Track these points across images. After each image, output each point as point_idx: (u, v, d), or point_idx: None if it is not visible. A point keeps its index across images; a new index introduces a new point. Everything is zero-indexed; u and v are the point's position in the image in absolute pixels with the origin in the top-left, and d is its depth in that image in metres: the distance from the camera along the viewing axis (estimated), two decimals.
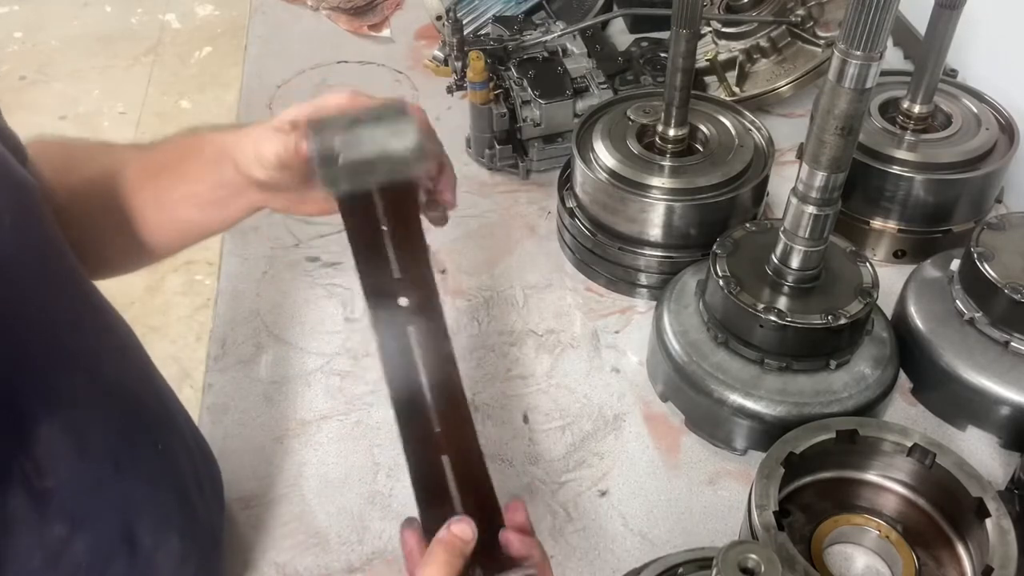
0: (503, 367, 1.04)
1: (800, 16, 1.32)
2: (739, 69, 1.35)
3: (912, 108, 1.12)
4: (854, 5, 0.70)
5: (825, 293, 0.90)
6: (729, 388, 0.90)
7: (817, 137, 0.79)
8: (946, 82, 1.19)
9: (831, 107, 0.76)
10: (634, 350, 1.06)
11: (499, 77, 1.26)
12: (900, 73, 1.23)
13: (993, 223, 0.96)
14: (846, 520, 0.85)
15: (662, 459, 0.94)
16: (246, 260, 1.19)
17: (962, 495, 0.78)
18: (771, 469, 0.79)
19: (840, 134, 0.78)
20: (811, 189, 0.83)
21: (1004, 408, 0.91)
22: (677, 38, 1.00)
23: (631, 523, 0.88)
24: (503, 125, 1.25)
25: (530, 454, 0.95)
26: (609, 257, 1.11)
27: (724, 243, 0.96)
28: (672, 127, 1.09)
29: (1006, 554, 0.73)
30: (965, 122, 1.14)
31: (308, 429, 0.98)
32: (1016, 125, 1.13)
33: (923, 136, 1.12)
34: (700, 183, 1.06)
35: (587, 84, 1.27)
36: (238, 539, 0.88)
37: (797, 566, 0.72)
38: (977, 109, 1.15)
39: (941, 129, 1.13)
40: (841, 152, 0.79)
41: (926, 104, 1.12)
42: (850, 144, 0.79)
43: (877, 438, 0.83)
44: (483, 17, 1.50)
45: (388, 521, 0.89)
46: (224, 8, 3.82)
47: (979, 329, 0.93)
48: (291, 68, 1.58)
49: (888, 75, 1.22)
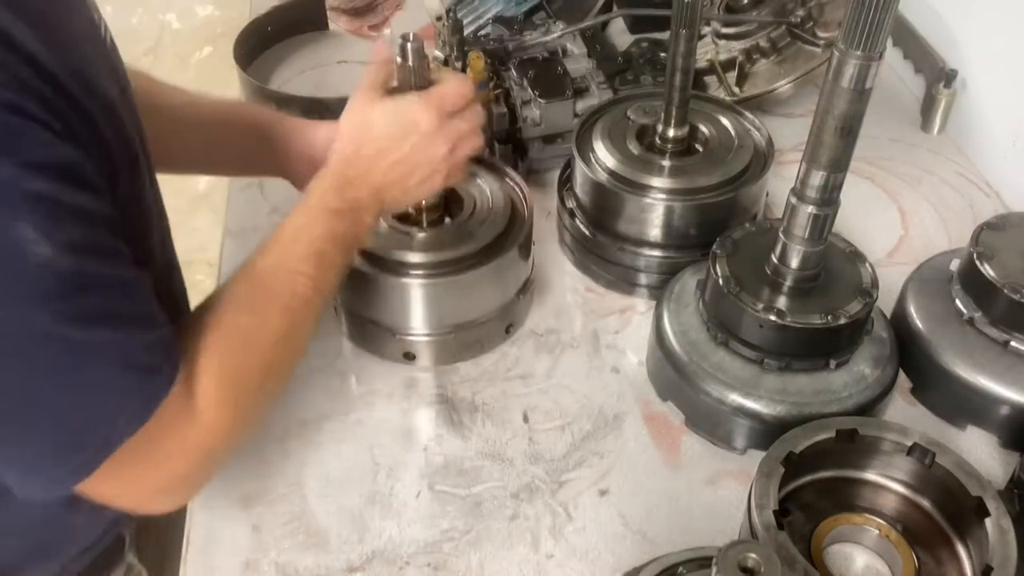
0: (503, 367, 1.04)
1: (800, 16, 1.32)
2: (739, 69, 1.35)
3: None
4: (854, 5, 0.70)
5: (825, 293, 0.90)
6: (729, 388, 0.91)
7: (816, 137, 0.79)
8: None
9: (830, 107, 0.77)
10: (634, 350, 1.06)
11: (499, 77, 1.26)
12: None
13: (993, 223, 0.96)
14: (846, 519, 0.85)
15: (662, 459, 0.95)
16: None
17: (962, 495, 0.78)
18: (771, 468, 0.79)
19: (839, 134, 0.78)
20: (810, 189, 0.83)
21: (1003, 408, 0.91)
22: (677, 38, 1.01)
23: (631, 523, 0.89)
24: (503, 125, 1.25)
25: (530, 454, 0.95)
26: (609, 257, 1.11)
27: (724, 243, 0.96)
28: (672, 127, 1.09)
29: (1006, 554, 0.73)
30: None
31: (308, 429, 0.98)
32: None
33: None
34: (700, 183, 1.07)
35: (587, 84, 1.27)
36: (238, 539, 0.88)
37: (797, 565, 0.73)
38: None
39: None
40: (840, 152, 0.79)
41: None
42: (849, 144, 0.79)
43: (877, 437, 0.83)
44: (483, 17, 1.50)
45: (388, 521, 0.89)
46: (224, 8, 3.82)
47: (979, 329, 0.93)
48: (291, 68, 1.58)
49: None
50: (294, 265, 0.80)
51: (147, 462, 0.70)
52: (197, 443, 0.72)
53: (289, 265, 0.81)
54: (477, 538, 0.87)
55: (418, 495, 0.91)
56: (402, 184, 0.88)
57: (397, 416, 0.99)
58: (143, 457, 0.69)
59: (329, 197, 0.85)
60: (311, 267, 0.81)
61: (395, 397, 1.01)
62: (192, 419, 0.71)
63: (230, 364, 0.74)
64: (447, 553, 0.86)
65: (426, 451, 0.95)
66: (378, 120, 0.88)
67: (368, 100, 0.89)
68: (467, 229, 1.01)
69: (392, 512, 0.90)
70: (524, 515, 0.89)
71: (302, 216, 0.84)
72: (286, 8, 1.64)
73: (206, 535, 0.88)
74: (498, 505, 0.90)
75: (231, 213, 1.28)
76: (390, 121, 0.88)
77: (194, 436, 0.72)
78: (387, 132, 0.87)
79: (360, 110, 0.89)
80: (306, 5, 1.66)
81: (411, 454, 0.95)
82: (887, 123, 1.39)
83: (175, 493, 0.77)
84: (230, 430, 0.74)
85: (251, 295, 0.79)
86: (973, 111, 1.34)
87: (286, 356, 0.81)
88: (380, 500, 0.91)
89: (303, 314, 0.81)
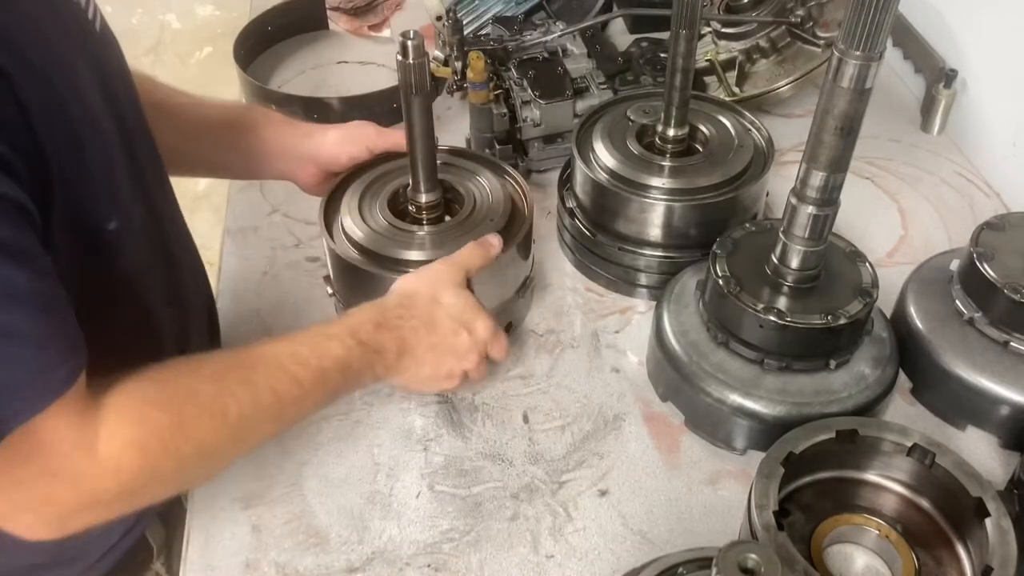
0: (503, 367, 1.04)
1: (800, 16, 1.32)
2: (739, 69, 1.35)
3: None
4: (854, 5, 0.70)
5: (825, 293, 0.90)
6: (729, 388, 0.90)
7: (816, 137, 0.79)
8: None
9: (830, 107, 0.77)
10: (634, 350, 1.06)
11: (499, 77, 1.26)
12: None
13: (993, 223, 0.96)
14: (846, 520, 0.85)
15: (662, 459, 0.94)
16: (246, 260, 1.19)
17: (962, 495, 0.78)
18: (771, 469, 0.79)
19: (839, 134, 0.78)
20: (810, 189, 0.83)
21: (1004, 408, 0.91)
22: (677, 38, 1.01)
23: (631, 523, 0.88)
24: (503, 125, 1.25)
25: (530, 454, 0.95)
26: (609, 257, 1.11)
27: (724, 243, 0.96)
28: (672, 127, 1.09)
29: (1006, 554, 0.73)
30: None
31: (308, 429, 0.98)
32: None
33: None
34: (700, 183, 1.06)
35: (587, 84, 1.27)
36: (238, 539, 0.88)
37: (797, 566, 0.72)
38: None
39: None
40: (840, 152, 0.79)
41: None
42: (849, 144, 0.79)
43: (877, 438, 0.83)
44: (483, 17, 1.50)
45: (388, 521, 0.89)
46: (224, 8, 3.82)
47: (979, 329, 0.93)
48: (291, 68, 1.59)
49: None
50: (291, 366, 0.78)
51: (28, 473, 0.65)
52: (90, 479, 0.66)
53: (286, 363, 0.78)
54: (477, 539, 0.87)
55: (418, 495, 0.91)
56: (424, 365, 0.88)
57: (397, 416, 0.99)
58: (25, 464, 0.64)
59: (366, 328, 0.84)
60: (306, 377, 0.78)
61: (395, 397, 1.01)
62: (90, 451, 0.66)
63: (159, 418, 0.69)
64: (447, 553, 0.86)
65: (426, 451, 0.95)
66: (450, 302, 0.89)
67: (454, 278, 0.90)
68: (467, 227, 1.01)
69: (392, 512, 0.90)
70: (524, 515, 0.89)
71: (333, 329, 0.83)
72: (286, 8, 1.64)
73: (206, 535, 0.88)
74: (498, 505, 0.90)
75: (231, 213, 1.28)
76: (459, 310, 0.89)
77: (88, 469, 0.66)
78: (448, 316, 0.88)
79: (443, 279, 0.90)
80: (306, 5, 1.66)
81: (411, 454, 0.95)
82: (887, 123, 1.39)
83: (48, 524, 0.69)
84: (130, 483, 0.68)
85: (227, 367, 0.76)
86: (973, 111, 1.34)
87: (227, 444, 0.75)
88: (380, 500, 0.91)
89: (268, 414, 0.77)
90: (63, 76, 0.69)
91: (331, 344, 0.81)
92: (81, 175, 0.72)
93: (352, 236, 1.00)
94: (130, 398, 0.69)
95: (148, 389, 0.70)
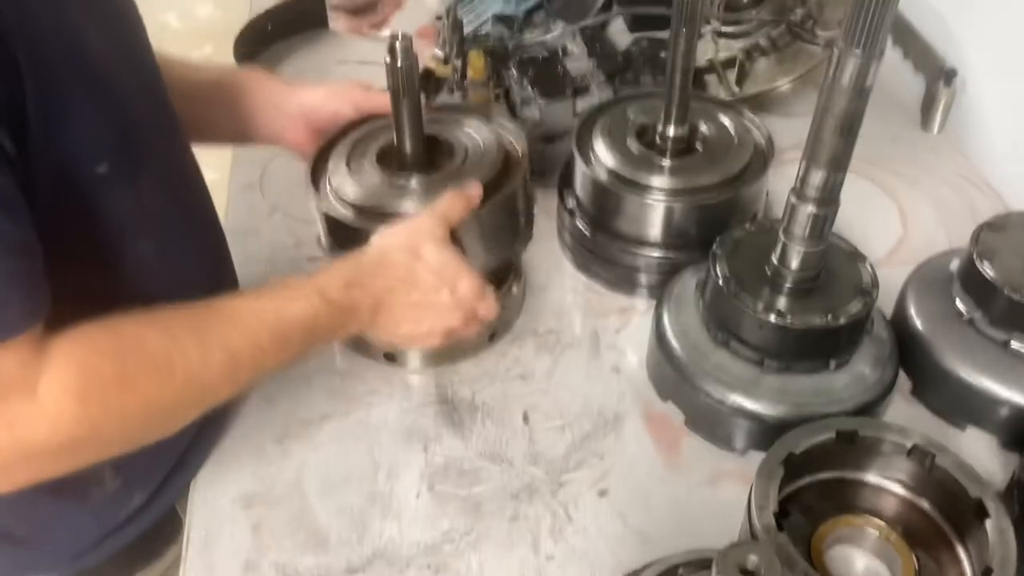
0: (503, 367, 1.04)
1: (800, 15, 1.32)
2: (739, 68, 1.35)
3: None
4: (854, 4, 0.70)
5: (825, 293, 0.90)
6: (729, 388, 0.90)
7: (816, 136, 0.79)
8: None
9: (830, 106, 0.76)
10: (634, 350, 1.05)
11: (499, 76, 1.26)
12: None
13: (993, 223, 0.96)
14: (846, 521, 0.85)
15: (662, 459, 0.94)
16: (246, 260, 1.19)
17: (962, 495, 0.78)
18: (771, 469, 0.79)
19: (839, 133, 0.78)
20: (810, 188, 0.83)
21: (1003, 408, 0.91)
22: (677, 37, 1.00)
23: (631, 523, 0.88)
24: None
25: (530, 454, 0.95)
26: (609, 257, 1.11)
27: (724, 243, 0.95)
28: (672, 127, 1.09)
29: (1006, 554, 0.73)
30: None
31: (308, 429, 0.98)
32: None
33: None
34: (700, 183, 1.06)
35: (587, 84, 1.27)
36: (238, 539, 0.88)
37: (797, 567, 0.72)
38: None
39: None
40: (840, 151, 0.79)
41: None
42: (849, 143, 0.79)
43: (877, 438, 0.83)
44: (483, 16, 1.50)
45: (388, 521, 0.89)
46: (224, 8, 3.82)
47: (979, 329, 0.93)
48: (291, 68, 1.58)
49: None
50: (250, 324, 0.74)
51: None
52: (25, 425, 0.64)
53: (244, 320, 0.74)
54: (477, 539, 0.87)
55: (418, 495, 0.91)
56: (402, 323, 0.85)
57: (397, 416, 0.99)
58: None
59: (335, 287, 0.80)
60: (266, 337, 0.74)
61: (395, 397, 1.01)
62: (30, 395, 0.63)
63: (102, 367, 0.66)
64: (447, 554, 0.86)
65: (426, 451, 0.95)
66: (430, 257, 0.85)
67: (435, 232, 0.86)
68: (458, 177, 0.96)
69: (392, 512, 0.90)
70: (524, 516, 0.89)
71: (300, 286, 0.78)
72: (286, 8, 1.63)
73: (206, 535, 0.88)
74: (498, 506, 0.90)
75: (231, 213, 1.28)
76: (440, 265, 0.85)
77: (24, 415, 0.64)
78: (430, 272, 0.84)
79: (423, 233, 0.86)
80: (306, 5, 1.66)
81: (411, 454, 0.95)
82: (887, 122, 1.39)
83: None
84: (68, 433, 0.65)
85: (182, 321, 0.72)
86: (973, 111, 1.33)
87: (174, 402, 0.71)
88: (380, 500, 0.91)
89: (220, 374, 0.73)
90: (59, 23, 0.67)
91: (296, 303, 0.77)
92: (62, 104, 0.68)
93: (341, 193, 0.96)
94: (76, 344, 0.66)
95: (97, 336, 0.67)
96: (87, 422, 0.66)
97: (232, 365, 0.73)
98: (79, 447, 0.67)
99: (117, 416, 0.68)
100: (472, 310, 0.88)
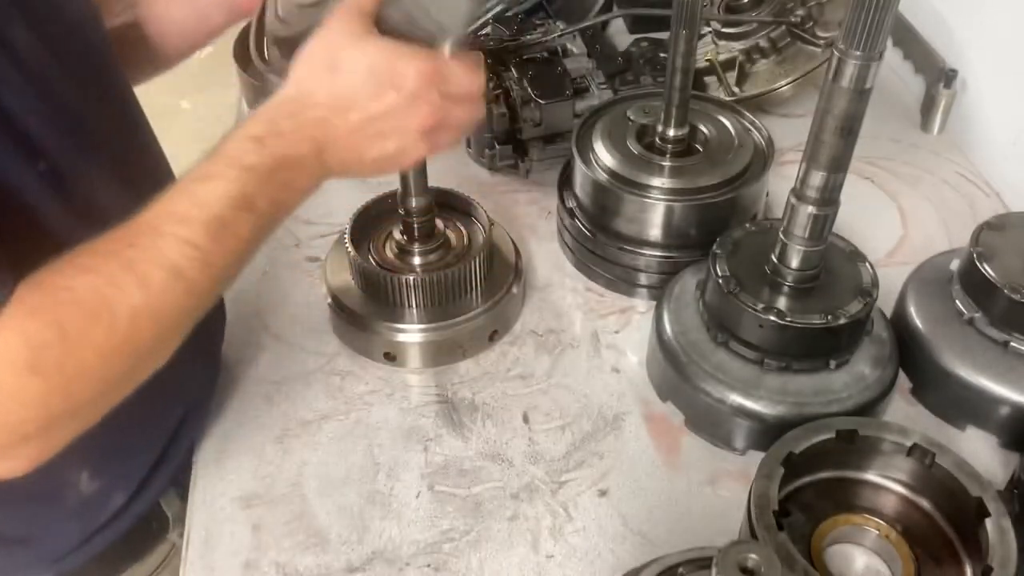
0: (503, 367, 1.04)
1: (800, 16, 1.32)
2: (739, 69, 1.35)
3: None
4: (854, 5, 0.70)
5: (825, 293, 0.90)
6: (729, 388, 0.91)
7: (816, 137, 0.79)
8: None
9: (830, 107, 0.77)
10: (634, 350, 1.06)
11: (499, 77, 1.26)
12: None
13: (993, 223, 0.96)
14: (846, 520, 0.85)
15: (662, 459, 0.94)
16: None
17: (962, 495, 0.78)
18: (771, 469, 0.79)
19: (839, 134, 0.78)
20: (810, 189, 0.83)
21: (1003, 408, 0.91)
22: (677, 38, 1.01)
23: (631, 523, 0.88)
24: (503, 125, 1.25)
25: (530, 454, 0.95)
26: (609, 257, 1.11)
27: (724, 243, 0.96)
28: (672, 127, 1.09)
29: (1006, 554, 0.73)
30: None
31: (308, 429, 0.98)
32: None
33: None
34: (700, 183, 1.06)
35: (587, 84, 1.27)
36: (238, 539, 0.88)
37: (797, 566, 0.72)
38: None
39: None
40: (840, 152, 0.79)
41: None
42: (849, 144, 0.79)
43: (877, 438, 0.83)
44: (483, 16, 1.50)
45: (388, 521, 0.89)
46: None
47: (979, 329, 0.93)
48: None
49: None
50: (173, 229, 0.64)
51: None
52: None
53: (166, 227, 0.64)
54: (477, 539, 0.87)
55: (418, 495, 0.91)
56: (359, 150, 0.70)
57: (397, 416, 0.99)
58: None
59: (248, 148, 0.67)
60: (200, 234, 0.64)
61: (395, 397, 1.01)
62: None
63: (41, 333, 0.60)
64: (447, 554, 0.86)
65: (426, 451, 0.95)
66: (353, 60, 0.68)
67: (347, 30, 0.68)
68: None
69: (392, 512, 0.90)
70: (524, 515, 0.89)
71: (206, 167, 0.66)
72: None
73: (206, 535, 0.88)
74: (498, 506, 0.90)
75: None
76: (369, 66, 0.68)
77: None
78: (359, 79, 0.68)
79: (331, 40, 0.69)
80: None
81: (411, 454, 0.95)
82: (887, 123, 1.39)
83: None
84: (38, 404, 0.61)
85: (104, 254, 0.64)
86: (973, 111, 1.33)
87: (132, 342, 0.64)
88: (380, 500, 0.91)
89: (170, 293, 0.64)
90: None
91: (211, 185, 0.65)
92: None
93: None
94: (16, 311, 0.60)
95: (31, 298, 0.61)
96: (54, 391, 0.61)
97: (176, 277, 0.64)
98: (63, 413, 0.63)
99: (78, 375, 0.62)
100: (442, 93, 0.70)
